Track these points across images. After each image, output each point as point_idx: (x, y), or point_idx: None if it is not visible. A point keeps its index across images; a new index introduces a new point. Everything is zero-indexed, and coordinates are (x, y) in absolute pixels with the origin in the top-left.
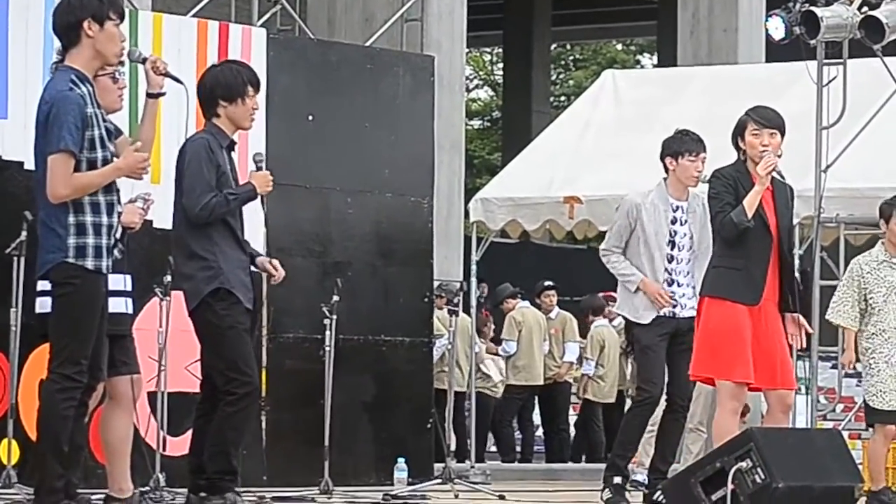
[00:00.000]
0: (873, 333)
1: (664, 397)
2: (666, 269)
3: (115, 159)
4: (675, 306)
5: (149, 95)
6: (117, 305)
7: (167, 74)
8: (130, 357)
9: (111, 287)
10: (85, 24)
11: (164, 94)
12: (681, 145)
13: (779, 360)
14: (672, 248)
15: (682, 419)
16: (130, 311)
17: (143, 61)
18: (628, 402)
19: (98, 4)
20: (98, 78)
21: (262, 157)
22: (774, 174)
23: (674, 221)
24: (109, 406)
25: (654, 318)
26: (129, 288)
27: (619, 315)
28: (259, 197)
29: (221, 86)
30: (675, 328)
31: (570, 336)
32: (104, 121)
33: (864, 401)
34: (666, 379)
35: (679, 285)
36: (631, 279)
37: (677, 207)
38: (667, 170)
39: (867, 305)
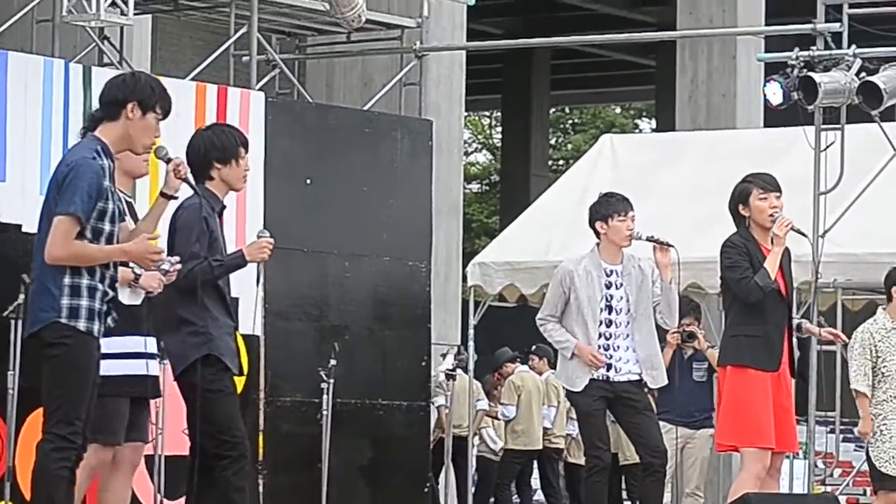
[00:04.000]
0: (884, 400)
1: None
2: (603, 335)
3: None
4: (609, 368)
5: (162, 194)
6: (137, 368)
7: (186, 180)
8: (142, 424)
9: (130, 349)
10: (129, 106)
11: (176, 197)
12: (608, 207)
13: (792, 424)
14: (609, 313)
15: (662, 477)
16: (152, 372)
17: (168, 161)
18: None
19: (149, 92)
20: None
21: (266, 235)
22: (791, 233)
23: (609, 286)
24: (111, 471)
25: (588, 383)
26: (150, 350)
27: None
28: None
29: (217, 148)
30: (612, 393)
31: (547, 401)
32: (119, 200)
33: (873, 466)
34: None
35: (617, 349)
36: (566, 345)
37: (611, 272)
38: (598, 234)
39: (878, 372)
